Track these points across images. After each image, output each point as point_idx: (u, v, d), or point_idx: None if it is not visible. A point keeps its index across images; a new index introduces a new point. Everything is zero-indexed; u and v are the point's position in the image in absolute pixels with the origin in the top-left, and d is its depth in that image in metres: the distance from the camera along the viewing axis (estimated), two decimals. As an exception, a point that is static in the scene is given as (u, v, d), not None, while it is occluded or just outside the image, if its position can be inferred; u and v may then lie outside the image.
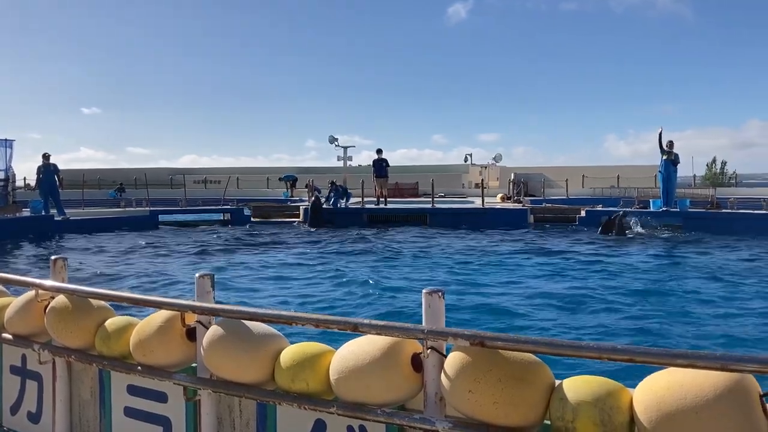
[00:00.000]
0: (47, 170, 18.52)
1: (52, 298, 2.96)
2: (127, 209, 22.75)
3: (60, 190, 19.03)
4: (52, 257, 3.06)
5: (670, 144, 18.18)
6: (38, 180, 18.88)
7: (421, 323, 2.01)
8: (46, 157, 18.56)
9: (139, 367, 2.62)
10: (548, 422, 1.81)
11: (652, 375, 1.72)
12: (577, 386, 1.78)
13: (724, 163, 46.69)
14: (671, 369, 1.67)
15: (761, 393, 1.59)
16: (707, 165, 46.12)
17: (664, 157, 18.14)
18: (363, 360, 2.04)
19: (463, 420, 1.90)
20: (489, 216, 20.51)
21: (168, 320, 2.57)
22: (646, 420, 1.64)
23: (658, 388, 1.66)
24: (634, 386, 1.75)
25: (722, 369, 1.55)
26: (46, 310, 2.93)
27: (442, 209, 21.49)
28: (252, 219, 22.57)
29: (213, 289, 2.53)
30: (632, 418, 1.70)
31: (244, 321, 2.36)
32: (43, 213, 18.30)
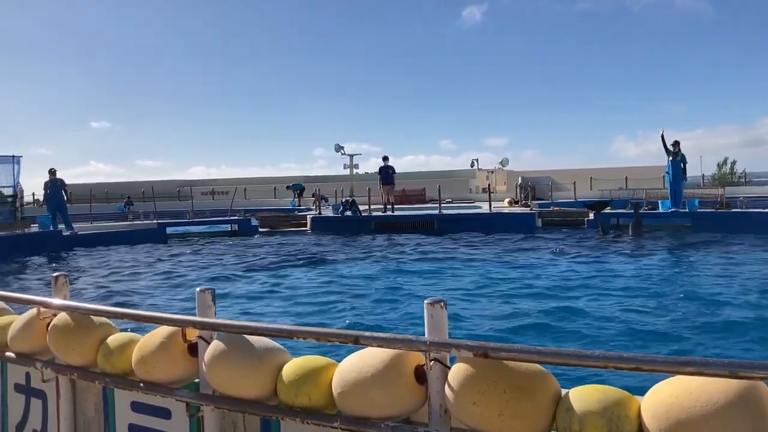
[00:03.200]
0: (54, 186, 18.70)
1: (54, 315, 2.95)
2: (134, 222, 22.84)
3: (68, 205, 19.17)
4: (54, 274, 3.05)
5: (676, 144, 18.10)
6: (45, 196, 19.05)
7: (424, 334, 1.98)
8: (52, 172, 18.75)
9: (142, 384, 2.59)
10: (555, 433, 1.77)
11: (660, 383, 1.68)
12: (583, 396, 1.74)
13: (733, 162, 46.55)
14: (679, 377, 1.63)
15: (773, 400, 1.54)
16: (718, 165, 46.04)
17: (671, 158, 18.08)
18: (365, 373, 2.00)
19: (469, 432, 1.87)
20: (496, 221, 20.46)
21: (169, 336, 2.54)
22: (655, 429, 1.60)
23: (666, 396, 1.62)
24: (642, 394, 1.71)
25: (731, 376, 1.51)
26: (48, 328, 2.92)
27: (449, 215, 21.47)
28: (259, 229, 22.62)
29: (214, 304, 2.51)
30: (641, 428, 1.66)
31: (245, 335, 2.33)
32: (51, 228, 18.41)
